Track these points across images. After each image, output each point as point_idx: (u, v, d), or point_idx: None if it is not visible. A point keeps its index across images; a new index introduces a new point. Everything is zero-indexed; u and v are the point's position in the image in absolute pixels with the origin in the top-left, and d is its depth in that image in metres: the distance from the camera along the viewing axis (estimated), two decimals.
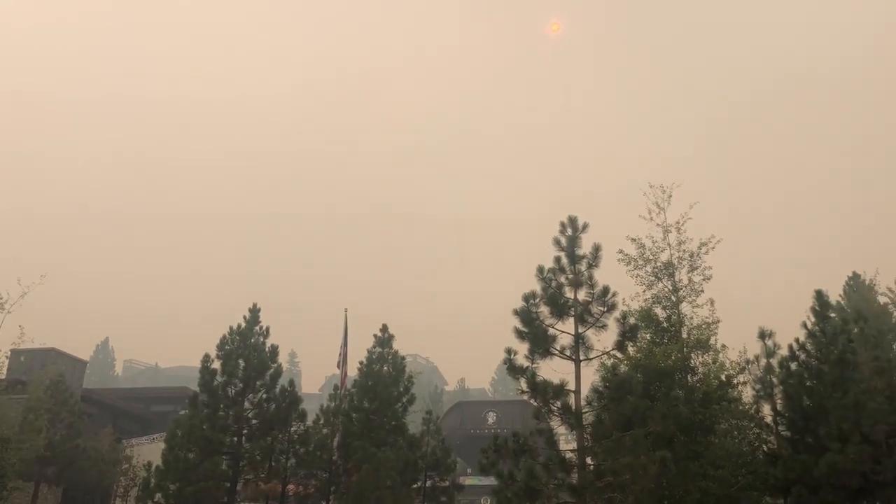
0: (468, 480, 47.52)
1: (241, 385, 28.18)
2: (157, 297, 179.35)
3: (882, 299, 41.22)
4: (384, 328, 34.51)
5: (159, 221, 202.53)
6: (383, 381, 32.43)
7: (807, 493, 21.15)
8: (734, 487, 22.76)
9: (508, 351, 22.38)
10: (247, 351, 28.84)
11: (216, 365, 28.64)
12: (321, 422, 32.02)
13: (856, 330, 24.90)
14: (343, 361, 36.70)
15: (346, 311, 38.37)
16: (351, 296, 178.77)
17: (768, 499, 23.87)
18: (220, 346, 28.79)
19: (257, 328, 29.69)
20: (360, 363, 33.75)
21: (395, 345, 34.51)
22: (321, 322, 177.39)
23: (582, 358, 22.63)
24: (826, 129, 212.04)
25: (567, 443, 24.56)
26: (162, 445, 29.05)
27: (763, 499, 23.65)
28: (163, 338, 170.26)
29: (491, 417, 56.59)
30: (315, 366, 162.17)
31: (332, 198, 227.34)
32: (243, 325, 29.54)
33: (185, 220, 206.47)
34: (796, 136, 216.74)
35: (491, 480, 22.27)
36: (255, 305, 30.12)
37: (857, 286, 42.44)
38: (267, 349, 29.21)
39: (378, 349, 33.97)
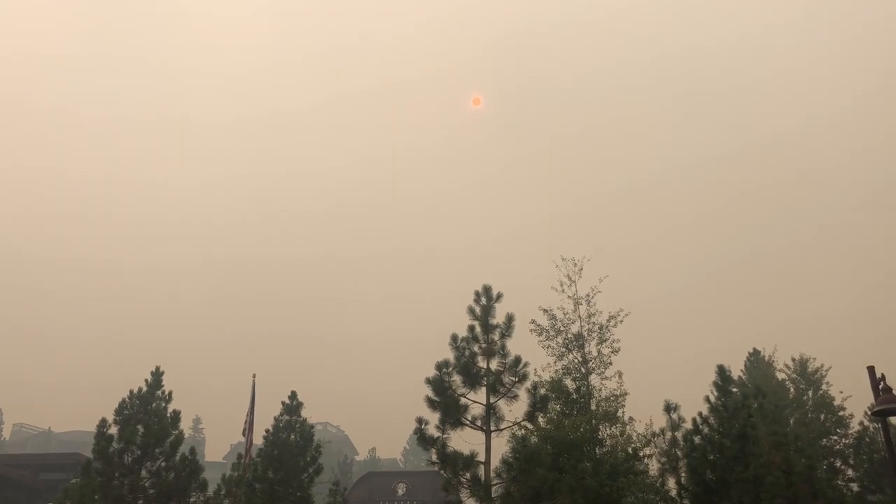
0: None
1: (138, 452, 26.70)
2: (53, 358, 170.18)
3: (780, 375, 42.93)
4: (293, 395, 33.66)
5: (56, 269, 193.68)
6: (290, 449, 31.44)
7: None
8: None
9: (419, 420, 22.21)
10: (147, 416, 27.47)
11: (113, 430, 27.18)
12: (222, 492, 30.63)
13: (755, 405, 25.79)
14: (249, 429, 35.43)
15: (253, 377, 37.32)
16: (261, 361, 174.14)
17: None
18: (119, 411, 27.35)
19: (159, 392, 28.39)
20: (267, 431, 32.69)
21: (305, 412, 33.67)
22: (229, 388, 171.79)
23: (493, 428, 22.62)
24: (735, 210, 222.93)
25: None
26: None
27: None
28: (57, 401, 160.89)
29: (401, 489, 55.38)
30: (221, 433, 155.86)
31: (245, 252, 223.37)
32: (144, 388, 28.25)
33: (83, 272, 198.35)
34: (710, 214, 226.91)
35: None
36: (157, 368, 28.88)
37: (757, 362, 44.06)
38: (168, 414, 27.92)
39: (285, 416, 33.02)
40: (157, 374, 28.80)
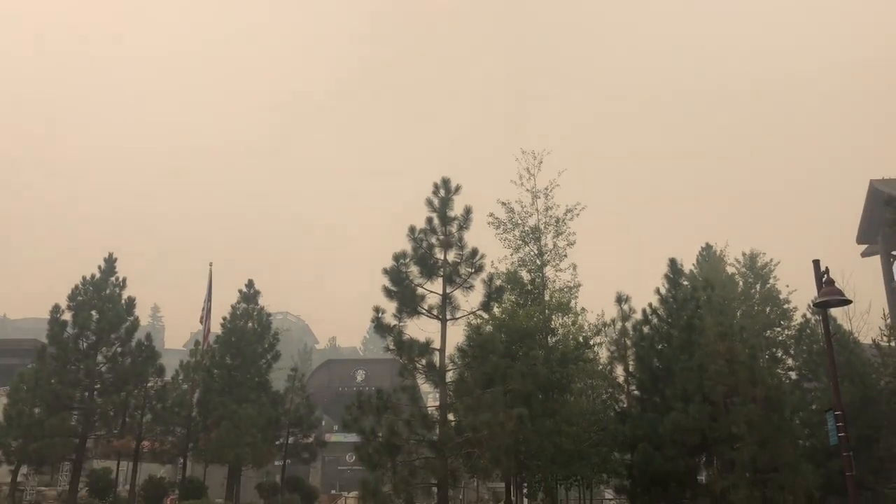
0: (334, 437, 47.55)
1: (93, 338, 26.71)
2: (7, 245, 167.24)
3: (730, 269, 44.04)
4: (250, 283, 33.64)
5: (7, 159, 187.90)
6: (247, 336, 31.69)
7: (651, 449, 22.45)
8: (586, 443, 23.89)
9: (377, 309, 22.37)
10: (101, 302, 27.34)
11: (67, 316, 27.01)
12: (180, 378, 31.01)
13: (704, 297, 26.49)
14: (206, 316, 35.57)
15: (210, 266, 37.20)
16: (221, 250, 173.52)
17: (616, 454, 25.18)
18: (72, 297, 27.14)
19: (113, 279, 28.15)
20: (224, 318, 32.80)
21: (265, 302, 33.79)
22: (189, 277, 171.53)
23: (448, 317, 22.94)
24: (692, 103, 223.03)
25: (431, 400, 24.96)
26: (4, 400, 27.28)
27: (612, 454, 24.93)
28: (13, 288, 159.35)
29: (360, 375, 56.67)
30: (180, 322, 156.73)
31: (207, 140, 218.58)
32: (98, 275, 27.93)
33: (42, 158, 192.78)
34: (667, 106, 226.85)
35: (356, 437, 22.33)
36: (110, 255, 28.53)
37: (708, 256, 45.05)
38: (123, 301, 27.79)
39: (243, 305, 33.10)
40: (111, 261, 28.45)
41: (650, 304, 26.33)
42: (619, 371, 26.93)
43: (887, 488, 28.33)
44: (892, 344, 32.51)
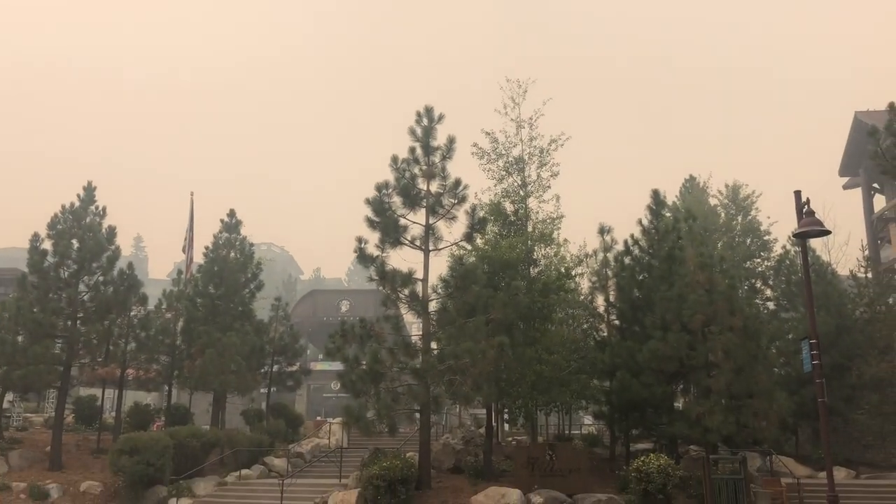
0: (318, 366, 48.15)
1: (74, 267, 26.54)
2: None
3: (712, 201, 44.21)
4: (231, 213, 33.39)
5: None
6: (230, 266, 31.63)
7: (630, 376, 22.91)
8: (566, 371, 24.31)
9: (359, 240, 22.41)
10: (81, 231, 27.07)
11: (48, 245, 26.78)
12: (164, 306, 31.05)
13: (685, 228, 26.63)
14: (189, 246, 35.45)
15: (191, 195, 36.88)
16: (203, 182, 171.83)
17: (595, 381, 25.70)
18: (51, 226, 26.83)
19: (92, 208, 27.80)
20: (206, 248, 32.66)
21: (248, 232, 33.61)
22: (171, 207, 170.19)
23: (431, 248, 23.03)
24: (680, 43, 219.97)
25: (415, 330, 25.23)
26: None
27: (591, 381, 25.43)
28: None
29: (344, 306, 56.91)
30: (164, 252, 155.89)
31: (191, 68, 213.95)
32: (77, 204, 27.59)
33: (22, 88, 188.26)
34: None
35: (340, 366, 22.63)
36: (89, 184, 28.09)
37: (691, 188, 45.13)
38: (104, 230, 27.53)
39: (225, 234, 32.93)
40: (90, 190, 28.10)
41: (632, 235, 26.48)
42: (600, 301, 27.25)
43: (856, 414, 29.21)
44: (869, 275, 33.06)
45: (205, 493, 23.29)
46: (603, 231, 26.80)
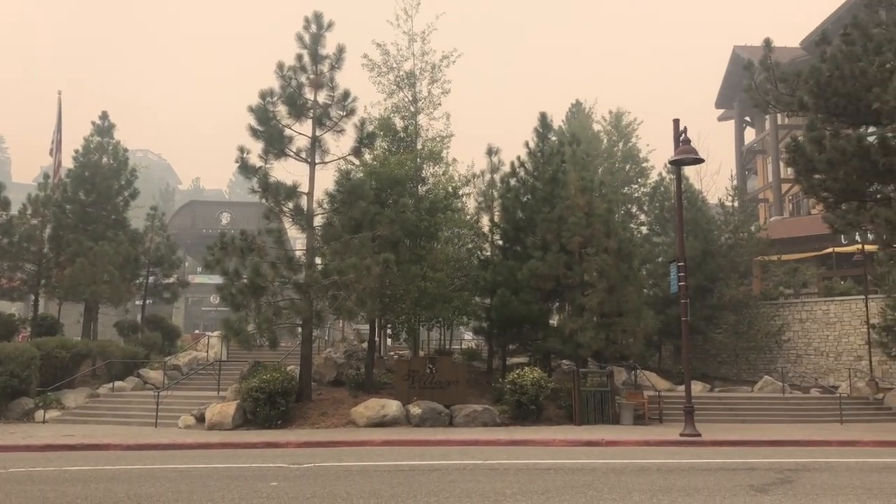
0: (198, 279, 46.99)
1: None
2: None
3: (596, 127, 45.33)
4: (104, 115, 31.39)
5: None
6: (102, 172, 29.92)
7: (509, 293, 23.62)
8: (449, 288, 24.76)
9: (241, 149, 21.59)
10: None
11: None
12: (29, 212, 29.17)
13: (570, 152, 27.24)
14: (56, 149, 33.24)
15: (59, 95, 34.38)
16: (76, 81, 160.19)
17: (477, 298, 26.34)
18: None
19: None
20: (76, 151, 30.68)
21: (123, 137, 31.82)
22: (38, 107, 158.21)
23: (317, 161, 22.52)
24: None
25: (299, 245, 24.83)
26: None
27: (473, 298, 26.05)
28: None
29: (225, 218, 55.40)
30: (30, 155, 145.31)
31: None
32: None
33: None
34: None
35: (220, 279, 22.07)
36: None
37: (577, 113, 46.07)
38: None
39: (97, 138, 30.99)
40: None
41: (518, 157, 26.85)
42: (485, 221, 27.70)
43: (714, 333, 31.43)
44: (735, 204, 35.10)
45: (75, 405, 22.60)
46: (491, 152, 27.01)
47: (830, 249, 35.68)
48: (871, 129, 20.46)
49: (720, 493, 8.79)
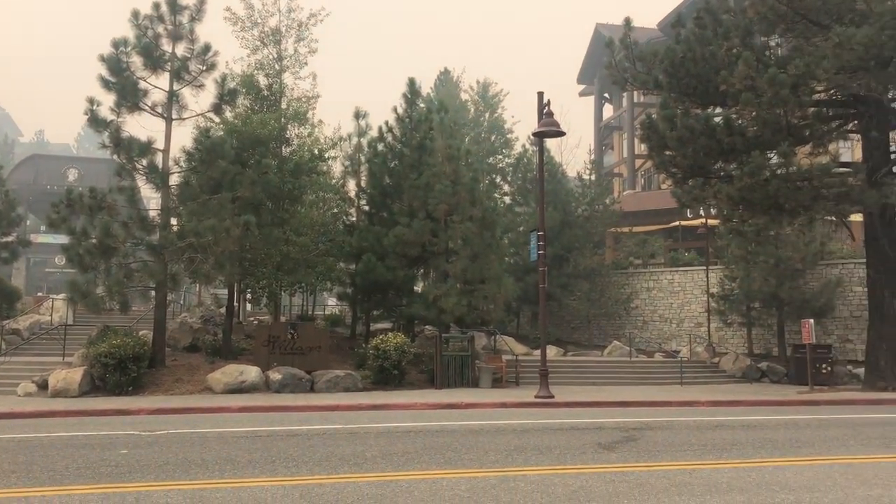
0: (40, 238, 43.96)
1: None
2: None
3: (464, 96, 45.79)
4: None
5: None
6: None
7: (375, 259, 23.58)
8: (313, 253, 24.41)
9: (91, 101, 20.20)
10: None
11: None
12: None
13: (437, 119, 27.36)
14: None
15: None
16: None
17: (342, 264, 26.14)
18: None
19: None
20: None
21: None
22: None
23: (175, 117, 21.44)
24: None
25: (154, 205, 23.63)
26: None
27: (337, 264, 25.83)
28: None
29: (72, 175, 51.85)
30: None
31: None
32: None
33: None
34: None
35: (66, 239, 20.63)
36: None
37: (446, 81, 46.34)
38: None
39: None
40: None
41: (387, 122, 26.70)
42: (352, 186, 27.46)
43: (569, 300, 32.82)
44: (592, 178, 36.61)
45: None
46: (358, 115, 26.72)
47: (677, 223, 37.96)
48: (718, 110, 21.82)
49: (570, 452, 9.22)
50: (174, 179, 21.38)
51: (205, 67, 21.50)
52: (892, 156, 21.82)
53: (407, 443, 10.06)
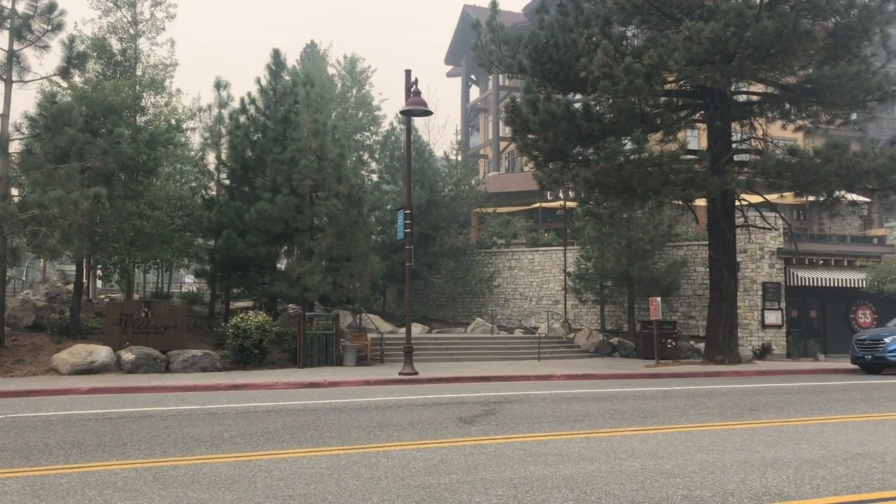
0: None
1: None
2: None
3: (331, 70, 45.09)
4: None
5: None
6: None
7: (235, 235, 22.88)
8: (169, 228, 23.39)
9: None
10: None
11: None
12: None
13: (303, 93, 26.77)
14: None
15: None
16: None
17: (200, 240, 25.22)
18: None
19: None
20: None
21: None
22: None
23: (16, 79, 19.91)
24: None
25: None
26: None
27: (195, 239, 24.89)
28: None
29: None
30: None
31: None
32: None
33: None
34: None
35: None
36: None
37: (312, 54, 45.42)
38: None
39: None
40: None
41: (249, 94, 25.86)
42: (212, 159, 26.50)
43: (435, 278, 33.27)
44: (459, 158, 37.10)
45: None
46: (219, 85, 25.73)
47: (538, 204, 39.19)
48: (579, 96, 22.64)
49: (433, 427, 9.40)
50: (15, 146, 19.86)
51: (50, 27, 19.99)
52: (734, 145, 23.49)
53: (267, 422, 9.91)
